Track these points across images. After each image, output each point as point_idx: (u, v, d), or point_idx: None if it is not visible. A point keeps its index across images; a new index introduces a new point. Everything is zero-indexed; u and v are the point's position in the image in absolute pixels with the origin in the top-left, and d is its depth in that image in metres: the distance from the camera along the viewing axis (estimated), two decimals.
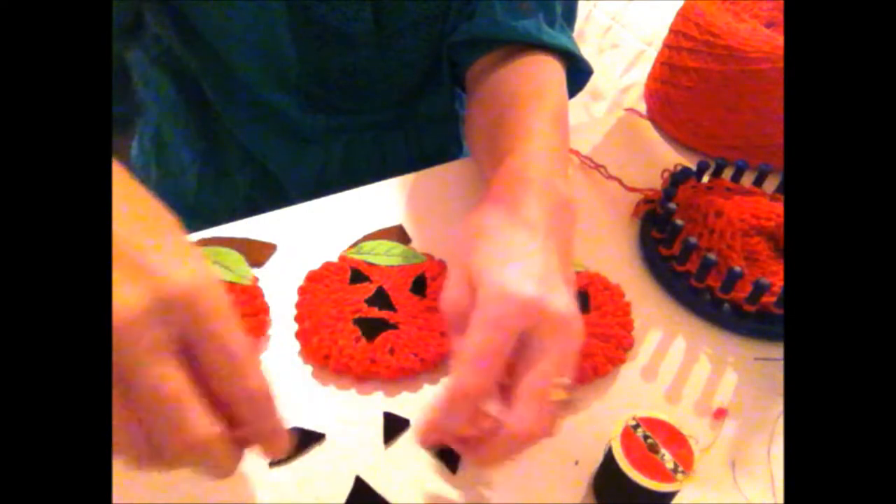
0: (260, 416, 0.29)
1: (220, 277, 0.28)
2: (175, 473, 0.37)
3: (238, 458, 0.29)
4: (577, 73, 0.61)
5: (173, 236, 0.29)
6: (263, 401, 0.29)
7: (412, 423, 0.41)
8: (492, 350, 0.33)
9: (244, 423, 0.29)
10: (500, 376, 0.33)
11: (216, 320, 0.27)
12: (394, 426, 0.40)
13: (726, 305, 0.49)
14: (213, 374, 0.27)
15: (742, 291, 0.48)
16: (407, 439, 0.40)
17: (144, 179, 0.74)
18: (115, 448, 0.27)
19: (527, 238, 0.37)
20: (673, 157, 0.65)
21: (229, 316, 0.28)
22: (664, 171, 0.60)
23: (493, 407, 0.34)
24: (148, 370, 0.26)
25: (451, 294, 0.37)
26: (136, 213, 0.29)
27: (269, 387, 0.29)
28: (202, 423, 0.26)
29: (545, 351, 0.33)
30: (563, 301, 0.34)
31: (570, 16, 0.61)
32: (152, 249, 0.27)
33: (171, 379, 0.26)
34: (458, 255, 0.38)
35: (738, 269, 0.48)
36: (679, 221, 0.51)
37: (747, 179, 0.59)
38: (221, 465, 0.28)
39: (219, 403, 0.28)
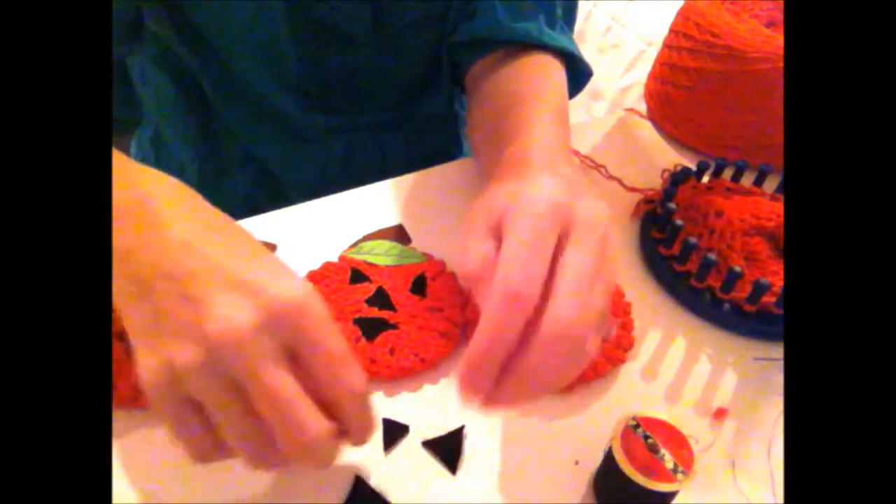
0: (360, 411, 0.31)
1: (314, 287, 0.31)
2: (174, 473, 0.37)
3: (338, 450, 0.31)
4: (578, 75, 0.61)
5: (265, 253, 0.33)
6: (363, 396, 0.31)
7: (411, 429, 0.41)
8: (534, 241, 0.31)
9: (344, 417, 0.31)
10: (544, 277, 0.31)
11: (320, 329, 0.30)
12: (393, 432, 0.40)
13: (726, 305, 0.49)
14: (317, 376, 0.30)
15: (742, 291, 0.48)
16: (406, 445, 0.40)
17: None
18: (235, 450, 0.30)
19: (545, 172, 0.37)
20: (673, 157, 0.65)
21: (330, 323, 0.30)
22: (664, 171, 0.60)
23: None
24: (266, 378, 0.28)
25: (476, 250, 0.34)
26: (225, 233, 0.32)
27: (366, 382, 0.31)
28: (317, 421, 0.29)
29: (582, 245, 0.32)
30: (594, 204, 0.34)
31: (570, 16, 0.61)
32: (255, 267, 0.30)
33: (287, 384, 0.29)
34: (476, 214, 0.36)
35: (738, 269, 0.48)
36: (679, 221, 0.51)
37: (747, 179, 0.59)
38: (327, 457, 0.31)
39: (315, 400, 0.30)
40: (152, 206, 0.32)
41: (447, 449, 0.40)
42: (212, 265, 0.30)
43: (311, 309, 0.30)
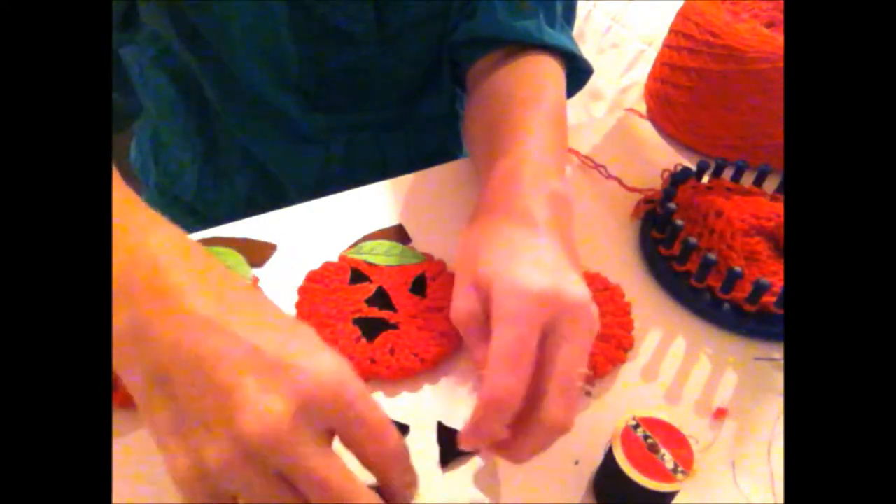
0: (405, 472, 0.31)
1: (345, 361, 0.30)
2: None
3: None
4: (578, 73, 0.61)
5: (290, 322, 0.30)
6: (406, 457, 0.31)
7: (411, 429, 0.41)
8: (518, 346, 0.32)
9: (388, 480, 0.30)
10: (530, 374, 0.33)
11: (361, 406, 0.28)
12: None
13: (726, 305, 0.49)
14: (361, 449, 0.29)
15: (742, 291, 0.48)
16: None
17: (143, 180, 0.74)
18: None
19: (528, 233, 0.38)
20: (673, 157, 0.65)
21: (367, 396, 0.29)
22: (664, 171, 0.60)
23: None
24: (314, 465, 0.27)
25: (460, 305, 0.37)
26: (246, 304, 0.30)
27: (404, 446, 0.31)
28: (368, 496, 0.28)
29: (568, 338, 0.33)
30: (579, 289, 0.35)
31: (569, 15, 0.62)
32: (284, 344, 0.28)
33: (336, 468, 0.27)
34: (461, 265, 0.39)
35: (738, 269, 0.48)
36: (679, 221, 0.51)
37: (747, 179, 0.59)
38: None
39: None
40: (166, 272, 0.29)
41: (447, 449, 0.40)
42: (238, 346, 0.27)
43: (348, 386, 0.28)
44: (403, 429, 0.40)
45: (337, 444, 0.30)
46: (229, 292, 0.30)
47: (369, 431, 0.29)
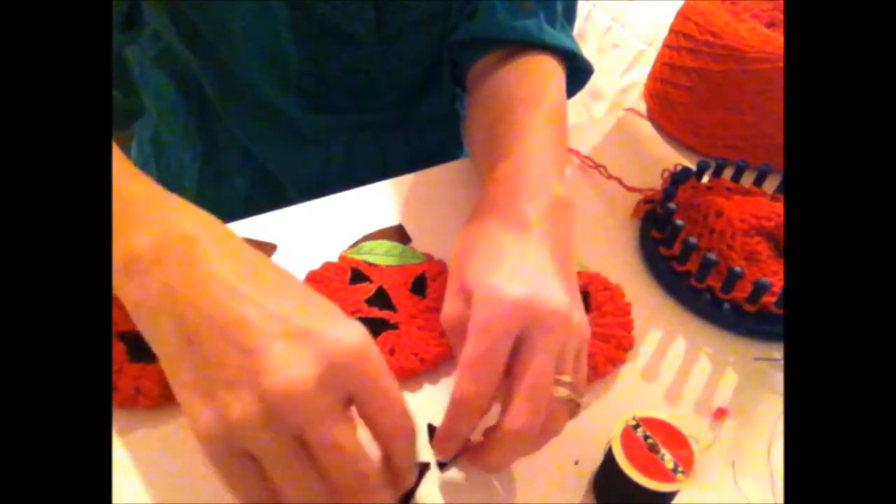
0: (408, 451, 0.32)
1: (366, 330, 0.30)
2: (174, 473, 0.37)
3: (392, 494, 0.32)
4: (578, 73, 0.61)
5: (314, 296, 0.32)
6: (413, 436, 0.31)
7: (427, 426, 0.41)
8: (485, 355, 0.33)
9: (392, 456, 0.31)
10: (499, 380, 0.34)
11: (380, 377, 0.29)
12: None
13: (726, 305, 0.49)
14: (374, 420, 0.30)
15: (742, 291, 0.48)
16: None
17: None
18: (296, 495, 0.29)
19: (515, 240, 0.38)
20: (673, 157, 0.65)
21: (387, 369, 0.30)
22: (664, 171, 0.60)
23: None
24: (329, 431, 0.28)
25: (448, 309, 0.38)
26: (271, 277, 0.31)
27: (414, 422, 0.31)
28: (376, 469, 0.30)
29: (538, 347, 0.33)
30: (556, 297, 0.35)
31: (570, 14, 0.62)
32: (309, 313, 0.29)
33: (350, 436, 0.29)
34: (452, 269, 0.39)
35: (738, 269, 0.48)
36: (679, 221, 0.51)
37: (747, 179, 0.59)
38: (383, 500, 0.31)
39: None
40: (197, 245, 0.31)
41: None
42: (265, 312, 0.29)
43: (370, 356, 0.29)
44: None
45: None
46: (256, 265, 0.32)
47: (386, 403, 0.30)
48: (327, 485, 0.29)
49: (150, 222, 0.32)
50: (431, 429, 0.37)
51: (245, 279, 0.30)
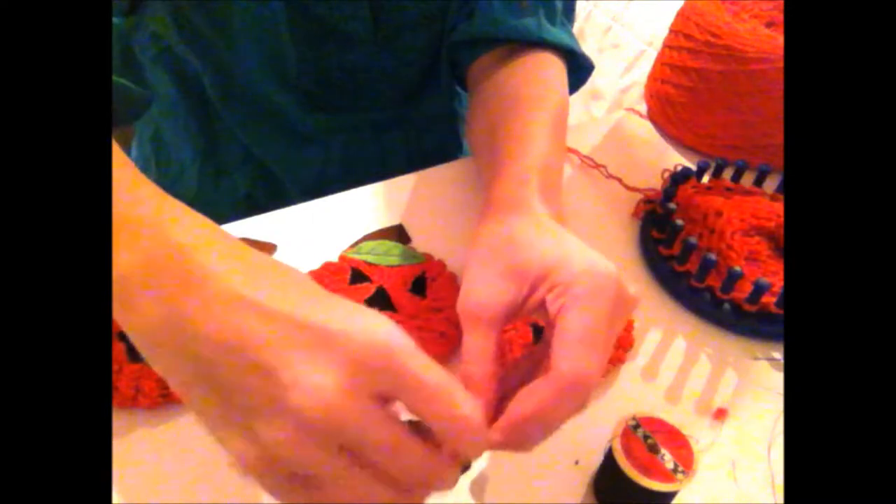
0: (467, 434, 0.28)
1: (391, 321, 0.28)
2: (174, 473, 0.37)
3: (458, 473, 0.29)
4: (579, 70, 0.61)
5: (315, 291, 0.29)
6: (468, 419, 0.28)
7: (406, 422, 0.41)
8: (601, 327, 0.32)
9: (452, 443, 0.28)
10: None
11: (414, 368, 0.27)
12: None
13: (726, 305, 0.49)
14: (421, 413, 0.27)
15: (742, 291, 0.48)
16: None
17: None
18: (358, 498, 0.27)
19: (559, 232, 0.38)
20: (673, 157, 0.65)
21: (418, 355, 0.27)
22: (664, 171, 0.60)
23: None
24: (380, 436, 0.26)
25: (489, 293, 0.35)
26: (278, 277, 0.29)
27: (478, 410, 0.28)
28: (432, 454, 0.27)
29: (618, 321, 0.34)
30: (632, 285, 0.35)
31: (569, 12, 0.62)
32: (323, 312, 0.27)
33: (394, 433, 0.26)
34: (488, 257, 0.37)
35: (738, 269, 0.48)
36: (679, 221, 0.51)
37: (747, 179, 0.59)
38: (450, 484, 0.29)
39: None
40: (193, 258, 0.28)
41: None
42: (276, 321, 0.26)
43: (397, 348, 0.27)
44: None
45: None
46: (260, 268, 0.29)
47: (428, 395, 0.27)
48: (388, 482, 0.27)
49: (139, 237, 0.28)
50: (411, 425, 0.38)
51: (250, 285, 0.27)
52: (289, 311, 0.27)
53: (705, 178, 0.59)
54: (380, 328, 0.27)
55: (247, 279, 0.27)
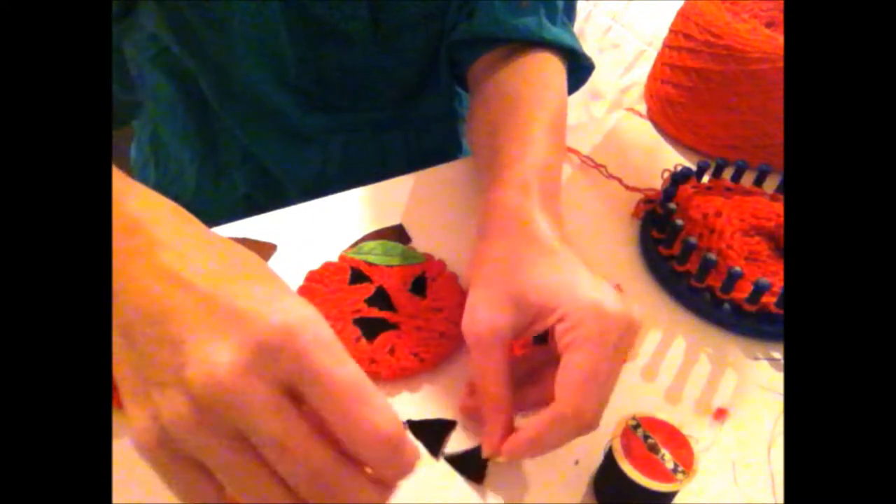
0: (386, 455, 0.25)
1: (315, 310, 0.26)
2: None
3: (377, 496, 0.26)
4: (579, 69, 0.61)
5: (252, 272, 0.28)
6: (388, 438, 0.25)
7: (405, 422, 0.41)
8: (602, 369, 0.34)
9: (367, 460, 0.26)
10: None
11: (320, 358, 0.24)
12: None
13: (726, 305, 0.49)
14: (319, 409, 0.25)
15: (742, 291, 0.48)
16: None
17: (143, 181, 0.74)
18: (250, 499, 0.25)
19: (566, 255, 0.39)
20: (673, 157, 0.65)
21: (335, 349, 0.25)
22: (664, 171, 0.60)
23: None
24: (270, 426, 0.24)
25: (491, 318, 0.37)
26: (219, 256, 0.28)
27: (391, 425, 0.25)
28: (336, 466, 0.25)
29: (623, 353, 0.36)
30: (635, 308, 0.37)
31: (570, 11, 0.61)
32: (244, 293, 0.26)
33: (295, 429, 0.24)
34: (489, 279, 0.39)
35: (738, 269, 0.48)
36: (679, 221, 0.51)
37: (747, 179, 0.59)
38: (371, 499, 0.26)
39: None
40: (141, 235, 0.28)
41: (433, 437, 0.40)
42: (195, 297, 0.25)
43: (305, 335, 0.24)
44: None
45: None
46: (201, 245, 0.28)
47: (331, 391, 0.24)
48: (283, 486, 0.25)
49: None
50: (411, 425, 0.38)
51: (186, 261, 0.27)
52: (209, 287, 0.26)
53: (705, 178, 0.59)
54: (294, 313, 0.25)
55: (182, 253, 0.27)
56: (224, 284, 0.26)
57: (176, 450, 0.25)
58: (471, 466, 0.39)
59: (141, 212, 0.29)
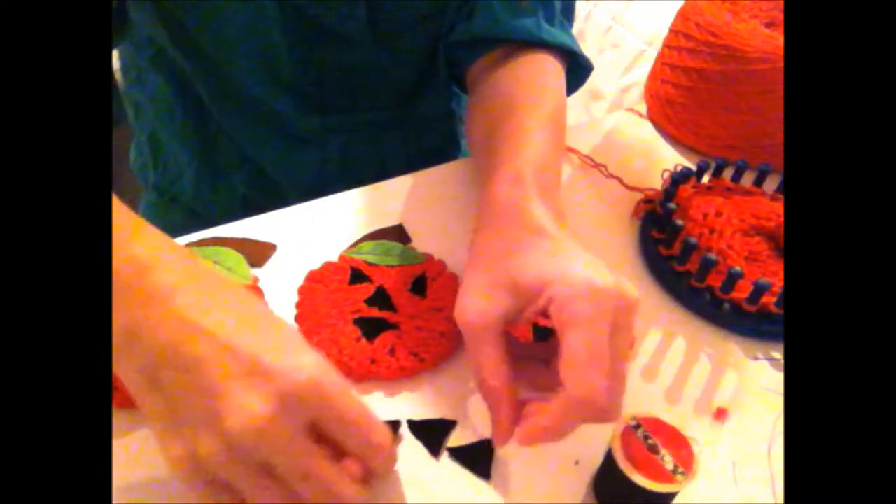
0: (386, 463, 0.34)
1: (321, 356, 0.32)
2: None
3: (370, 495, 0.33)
4: (578, 70, 0.61)
5: (274, 326, 0.33)
6: (389, 452, 0.33)
7: (403, 423, 0.41)
8: (603, 346, 0.33)
9: (373, 468, 0.33)
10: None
11: (339, 403, 0.31)
12: (393, 432, 0.40)
13: (726, 305, 0.49)
14: (344, 443, 0.32)
15: (742, 291, 0.48)
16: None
17: (143, 181, 0.74)
18: None
19: (561, 237, 0.38)
20: (673, 157, 0.65)
21: (347, 392, 0.31)
22: (664, 171, 0.60)
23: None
24: (296, 462, 0.30)
25: (484, 306, 0.37)
26: (229, 303, 0.32)
27: (387, 436, 0.33)
28: (352, 488, 0.31)
29: (625, 329, 0.35)
30: (627, 283, 0.36)
31: (568, 12, 0.61)
32: (265, 344, 0.31)
33: (318, 462, 0.30)
34: (483, 268, 0.38)
35: (738, 269, 0.48)
36: (679, 221, 0.51)
37: (747, 179, 0.59)
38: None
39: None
40: (151, 279, 0.31)
41: (433, 436, 0.40)
42: (220, 347, 0.30)
43: (326, 384, 0.30)
44: (395, 425, 0.40)
45: None
46: (214, 292, 0.32)
47: (348, 425, 0.31)
48: (295, 498, 0.31)
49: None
50: (411, 425, 0.38)
51: (200, 309, 0.30)
52: (231, 337, 0.30)
53: (705, 178, 0.59)
54: (312, 365, 0.30)
55: (197, 301, 0.31)
56: (240, 335, 0.30)
57: (208, 474, 0.30)
58: (477, 461, 0.39)
59: (148, 255, 0.31)
